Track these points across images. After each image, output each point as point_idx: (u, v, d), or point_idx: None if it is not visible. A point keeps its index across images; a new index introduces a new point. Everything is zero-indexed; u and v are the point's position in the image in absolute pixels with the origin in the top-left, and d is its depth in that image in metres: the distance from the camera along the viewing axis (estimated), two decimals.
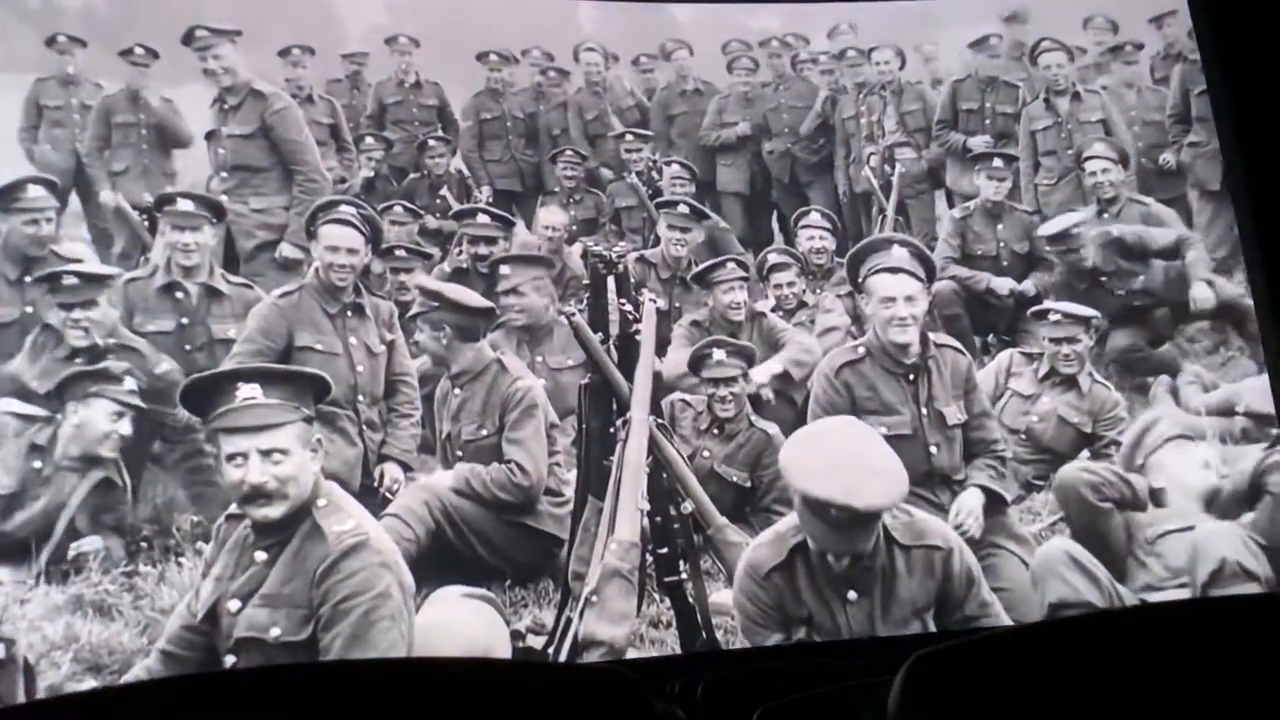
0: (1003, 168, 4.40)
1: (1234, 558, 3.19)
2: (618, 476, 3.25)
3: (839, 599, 3.02)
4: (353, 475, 3.50)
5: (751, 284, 4.09)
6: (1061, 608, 3.22)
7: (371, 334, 3.68)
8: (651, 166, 4.44)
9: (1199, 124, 4.42)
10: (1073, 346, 3.89)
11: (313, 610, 2.78)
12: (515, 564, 3.50)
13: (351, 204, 3.76)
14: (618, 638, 3.11)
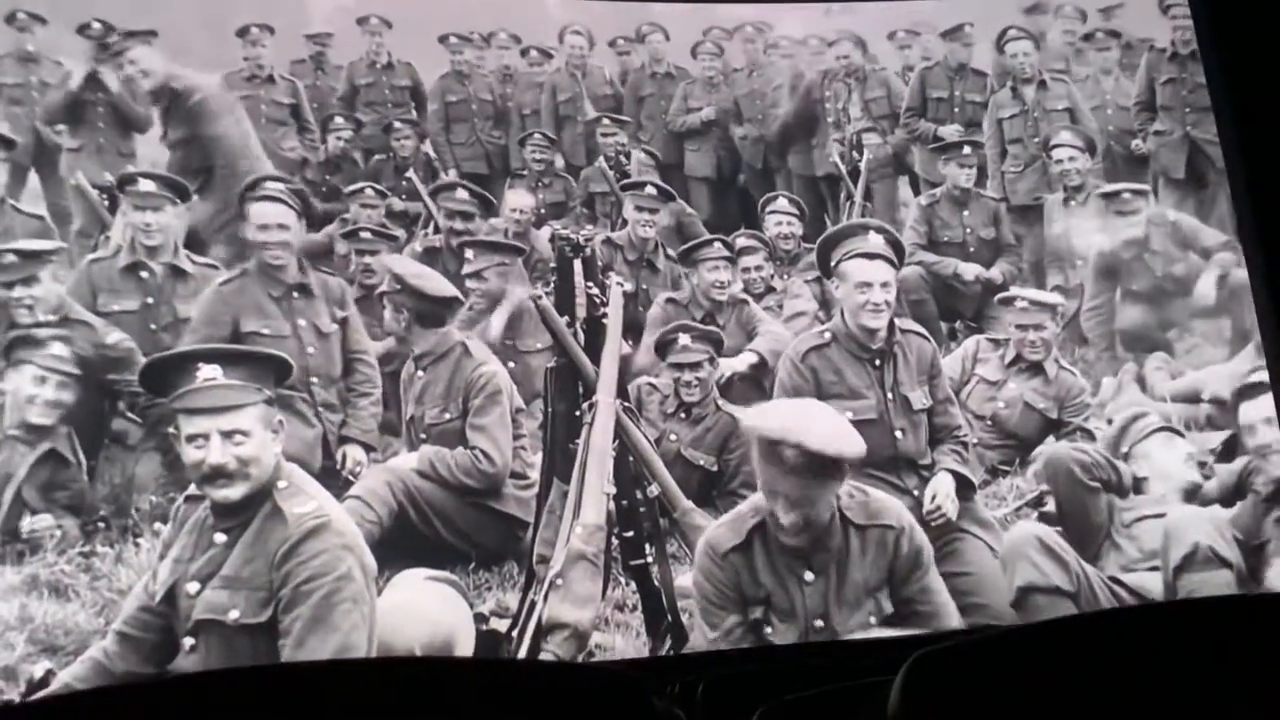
0: (970, 155, 4.40)
1: (1206, 542, 3.21)
2: (583, 460, 3.24)
3: (795, 578, 3.03)
4: (312, 457, 3.47)
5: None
6: (1030, 591, 3.23)
7: (321, 314, 3.64)
8: (620, 151, 4.42)
9: (1164, 112, 4.45)
10: (1039, 334, 3.90)
11: (273, 593, 2.76)
12: (479, 547, 3.48)
13: (278, 179, 3.72)
14: (582, 621, 3.10)
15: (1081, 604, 3.21)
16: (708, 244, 4.10)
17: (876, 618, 3.02)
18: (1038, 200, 4.41)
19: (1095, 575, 3.29)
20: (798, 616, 3.03)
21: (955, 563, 3.46)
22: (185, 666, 2.78)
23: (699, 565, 3.11)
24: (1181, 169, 4.35)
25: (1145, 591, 3.30)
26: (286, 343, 3.52)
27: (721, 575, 3.07)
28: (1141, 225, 4.22)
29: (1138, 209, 4.25)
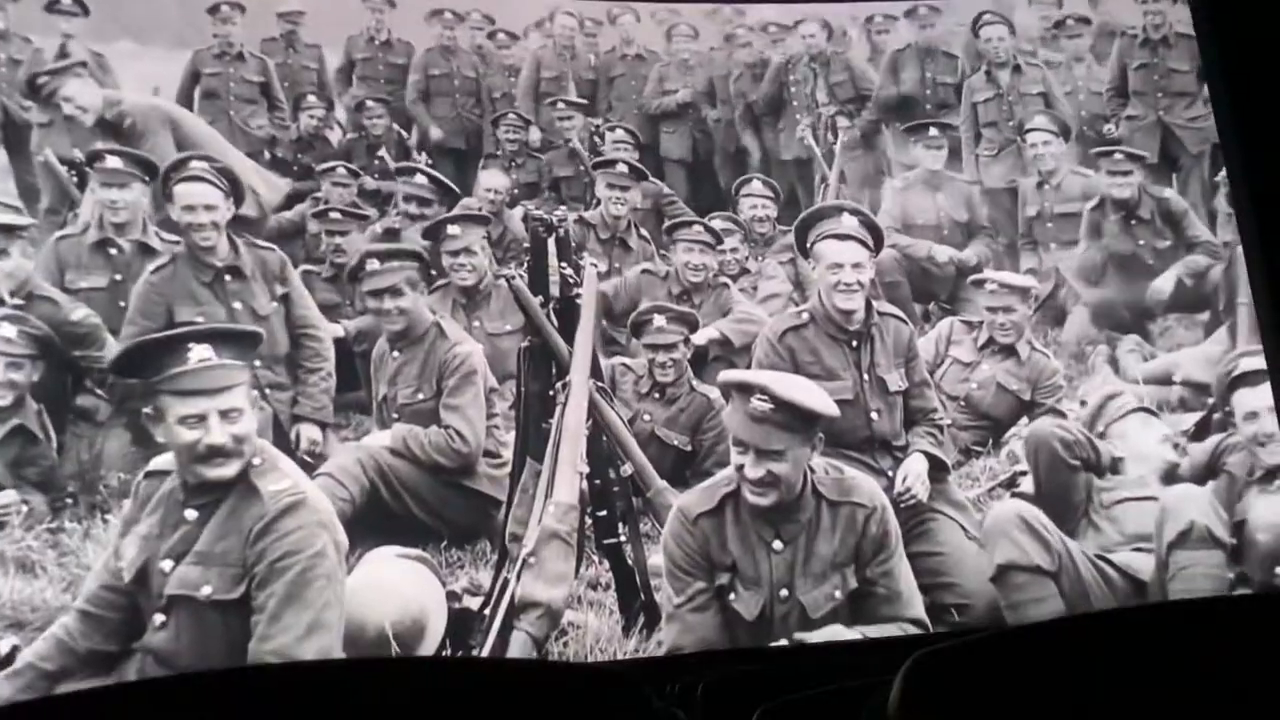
0: (939, 136, 4.41)
1: (1203, 521, 3.22)
2: (556, 439, 3.24)
3: (764, 546, 3.03)
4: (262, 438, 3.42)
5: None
6: (1009, 569, 3.23)
7: (257, 294, 3.59)
8: (594, 132, 4.40)
9: (1136, 98, 4.47)
10: (1009, 316, 3.91)
11: (246, 569, 2.75)
12: (452, 525, 3.47)
13: (203, 159, 3.64)
14: (555, 599, 3.10)
15: (1063, 583, 3.21)
16: (688, 225, 4.11)
17: (841, 592, 3.00)
18: (1011, 184, 4.41)
19: (1079, 553, 3.29)
20: (763, 585, 3.03)
21: (928, 543, 3.47)
22: (154, 643, 2.76)
23: (669, 529, 3.11)
24: (1155, 153, 4.36)
25: (1134, 570, 3.30)
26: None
27: (691, 540, 3.06)
28: (1132, 189, 4.23)
29: (1130, 170, 4.26)
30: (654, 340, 3.73)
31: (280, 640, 2.70)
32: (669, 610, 3.07)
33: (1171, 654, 1.28)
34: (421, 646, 3.13)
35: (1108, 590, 3.27)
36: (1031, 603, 3.20)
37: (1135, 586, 3.29)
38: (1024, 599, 3.21)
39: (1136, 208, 4.23)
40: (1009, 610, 3.22)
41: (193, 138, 3.93)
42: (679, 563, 3.06)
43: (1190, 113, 4.40)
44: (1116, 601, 3.26)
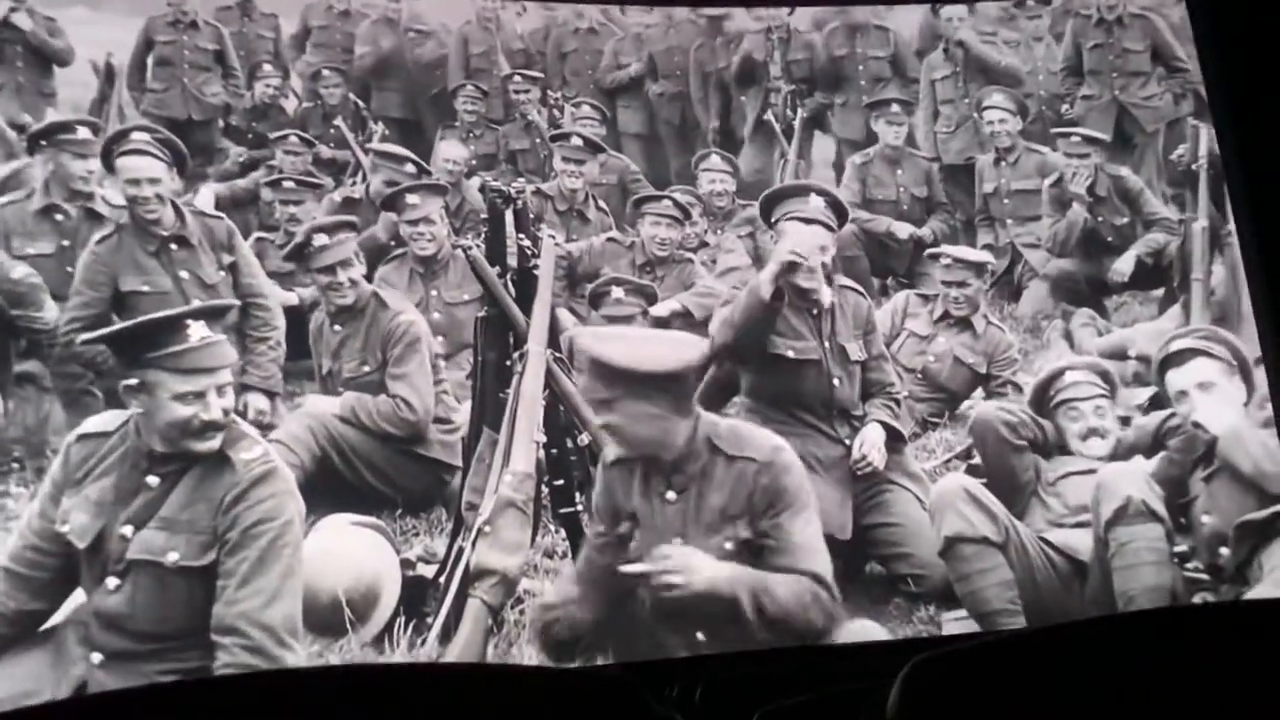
0: (900, 113, 4.43)
1: (1139, 496, 3.22)
2: (513, 408, 3.23)
3: (659, 497, 3.03)
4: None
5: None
6: (957, 541, 3.23)
7: (204, 264, 3.54)
8: (554, 104, 4.38)
9: (1091, 77, 4.49)
10: (963, 290, 3.92)
11: (216, 536, 2.75)
12: (406, 492, 3.46)
13: (145, 130, 3.59)
14: (510, 567, 3.09)
15: (1011, 555, 3.22)
16: (656, 200, 4.11)
17: (733, 544, 2.97)
18: (969, 160, 4.44)
19: (1023, 528, 3.30)
20: (660, 534, 3.01)
21: (883, 514, 3.49)
22: (105, 606, 2.74)
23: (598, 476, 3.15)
24: (1110, 131, 4.39)
25: (1072, 550, 3.31)
26: (169, 298, 3.42)
27: (603, 485, 3.08)
28: (1089, 169, 4.26)
29: (1088, 153, 4.29)
30: (612, 312, 3.74)
31: (247, 605, 2.70)
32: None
33: (1170, 659, 1.30)
34: (375, 614, 3.11)
35: (1050, 570, 3.28)
36: (979, 574, 3.21)
37: (1075, 566, 3.30)
38: (972, 570, 3.21)
39: (1094, 186, 4.26)
40: (959, 583, 3.23)
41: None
42: (598, 506, 3.09)
43: (1145, 91, 4.44)
44: (1059, 579, 3.27)
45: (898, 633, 3.31)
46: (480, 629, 3.02)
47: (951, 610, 3.32)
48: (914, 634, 3.26)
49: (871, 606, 3.38)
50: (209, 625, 2.69)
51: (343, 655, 3.02)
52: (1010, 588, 3.19)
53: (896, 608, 3.38)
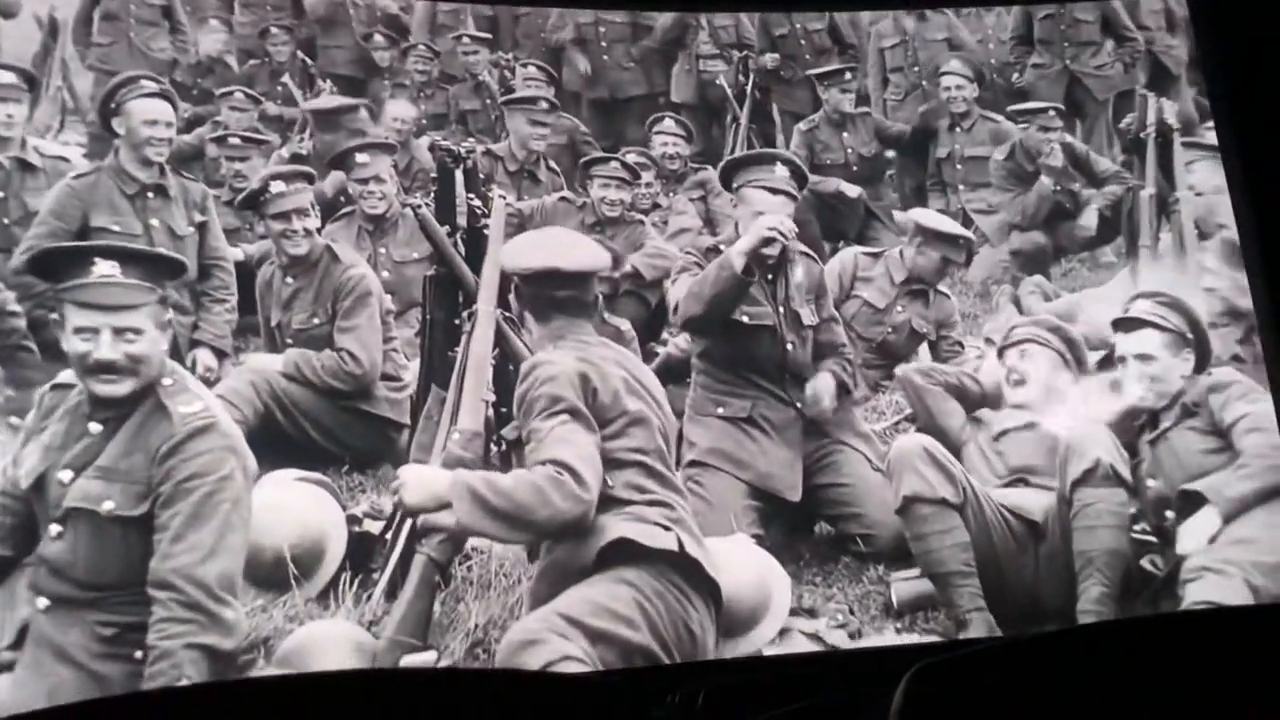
0: (852, 80, 4.44)
1: (1107, 460, 3.25)
2: (462, 367, 3.21)
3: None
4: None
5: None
6: (915, 500, 3.23)
7: (177, 217, 3.55)
8: (504, 65, 4.35)
9: (1041, 46, 4.50)
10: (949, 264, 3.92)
11: (151, 487, 2.72)
12: (352, 449, 3.43)
13: (152, 79, 3.61)
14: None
15: (968, 516, 3.23)
16: (605, 161, 4.09)
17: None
18: (915, 124, 4.45)
19: (980, 489, 3.31)
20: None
21: (833, 474, 3.50)
22: (49, 553, 2.72)
23: None
24: (1060, 100, 4.41)
25: (1025, 512, 3.33)
26: (136, 241, 3.40)
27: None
28: (1053, 148, 4.30)
29: (1058, 127, 4.32)
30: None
31: (181, 560, 2.67)
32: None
33: (1173, 665, 1.30)
34: (321, 570, 3.09)
35: (1006, 531, 3.29)
36: (936, 534, 3.22)
37: (1029, 527, 3.32)
38: (929, 530, 3.22)
39: (1051, 156, 4.29)
40: (914, 541, 3.23)
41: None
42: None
43: (1096, 61, 4.46)
44: (1015, 539, 3.29)
45: (848, 593, 3.32)
46: (427, 585, 2.99)
47: (900, 569, 3.33)
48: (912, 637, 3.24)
49: (820, 566, 3.40)
50: (146, 578, 2.66)
51: (286, 610, 3.00)
52: (965, 550, 3.20)
53: (846, 567, 3.39)
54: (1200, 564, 3.13)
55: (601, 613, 2.78)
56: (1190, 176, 4.10)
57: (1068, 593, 3.19)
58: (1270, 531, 3.17)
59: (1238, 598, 3.04)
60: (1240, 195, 3.72)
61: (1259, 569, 3.10)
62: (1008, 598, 3.23)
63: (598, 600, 2.80)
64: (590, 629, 2.76)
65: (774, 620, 3.18)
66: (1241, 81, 3.75)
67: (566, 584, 2.84)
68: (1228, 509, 3.22)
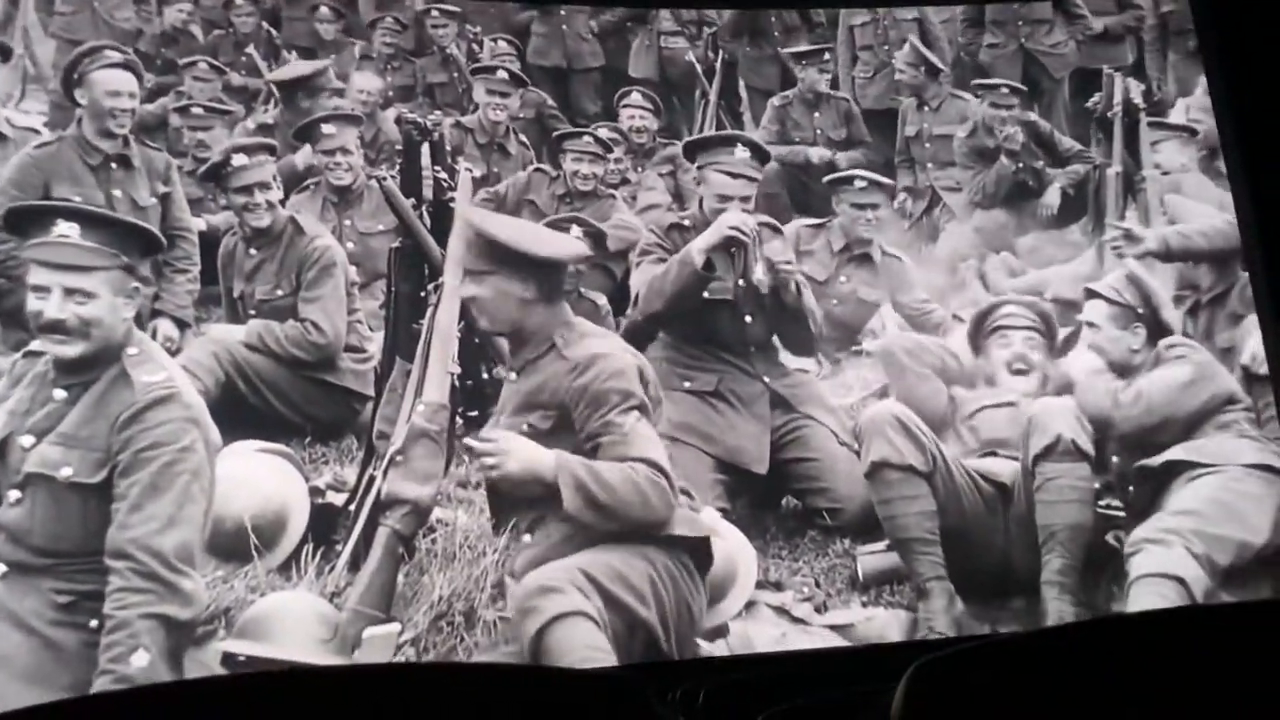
0: (829, 61, 4.44)
1: (1069, 435, 3.26)
2: (427, 339, 3.20)
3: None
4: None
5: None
6: (883, 466, 3.24)
7: (140, 187, 3.53)
8: (472, 39, 4.31)
9: (995, 27, 4.50)
10: (875, 213, 3.94)
11: (110, 455, 2.71)
12: (315, 420, 3.42)
13: (116, 49, 3.58)
14: (423, 497, 3.06)
15: (936, 484, 3.24)
16: (578, 136, 4.09)
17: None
18: (890, 103, 4.44)
19: (952, 458, 3.32)
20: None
21: (800, 448, 3.51)
22: (7, 519, 2.71)
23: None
24: (1018, 79, 4.42)
25: (994, 475, 3.34)
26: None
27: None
28: (1012, 124, 4.30)
29: (1014, 104, 4.33)
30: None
31: (139, 530, 2.65)
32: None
33: (1176, 661, 1.29)
34: (282, 541, 3.07)
35: (977, 495, 3.30)
36: (901, 500, 3.22)
37: (998, 489, 3.33)
38: (895, 496, 3.23)
39: (1013, 134, 4.29)
40: (880, 505, 3.24)
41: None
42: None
43: (1050, 39, 4.47)
44: (984, 506, 3.30)
45: (815, 566, 3.32)
46: (391, 557, 2.98)
47: (867, 543, 3.34)
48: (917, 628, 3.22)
49: (787, 539, 3.40)
50: (104, 547, 2.65)
51: (248, 581, 2.97)
52: (930, 518, 3.21)
53: (812, 540, 3.39)
54: (1142, 536, 3.15)
55: (618, 580, 2.86)
56: (1156, 155, 4.13)
57: (1035, 560, 3.20)
58: (1212, 505, 3.19)
59: (1180, 567, 3.05)
60: (1241, 191, 3.72)
61: (1200, 538, 3.11)
62: (979, 564, 3.25)
63: (617, 567, 2.88)
64: (607, 592, 2.84)
65: (740, 593, 3.18)
66: (1243, 82, 3.74)
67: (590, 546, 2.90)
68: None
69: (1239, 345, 3.65)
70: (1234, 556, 3.14)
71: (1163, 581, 3.06)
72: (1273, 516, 3.22)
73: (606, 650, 2.76)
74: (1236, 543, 3.15)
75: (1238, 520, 3.18)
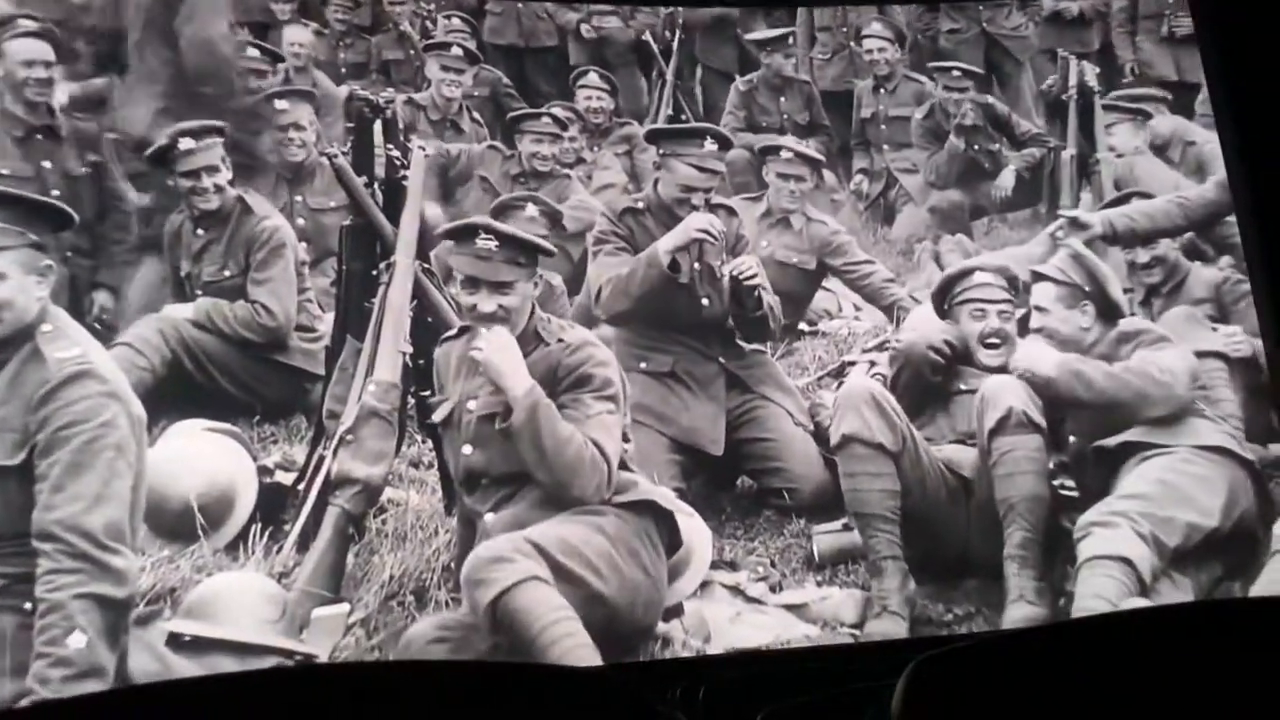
0: (792, 45, 4.43)
1: (1020, 407, 3.26)
2: (379, 318, 3.19)
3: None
4: (57, 301, 3.24)
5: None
6: (853, 440, 3.20)
7: (69, 157, 3.48)
8: (425, 16, 4.27)
9: (956, 11, 4.51)
10: (799, 185, 3.93)
11: (28, 436, 2.63)
12: (264, 400, 3.38)
13: (31, 17, 3.51)
14: (374, 476, 3.05)
15: (905, 465, 3.22)
16: (535, 117, 4.05)
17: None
18: (848, 84, 4.44)
19: (922, 443, 3.31)
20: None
21: (756, 429, 3.50)
22: None
23: None
24: (980, 63, 4.43)
25: (956, 466, 3.34)
26: (28, 184, 3.31)
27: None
28: (966, 105, 4.32)
29: (966, 87, 4.33)
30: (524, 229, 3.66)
31: (65, 510, 2.58)
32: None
33: (1175, 658, 1.30)
34: (229, 520, 3.04)
35: (942, 483, 3.30)
36: (866, 475, 3.20)
37: (961, 482, 3.33)
38: (861, 471, 3.20)
39: (967, 115, 4.30)
40: (845, 478, 3.22)
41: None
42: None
43: (1011, 22, 4.48)
44: (948, 494, 3.29)
45: (770, 546, 3.32)
46: (340, 537, 2.97)
47: (823, 523, 3.33)
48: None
49: (742, 520, 3.39)
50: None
51: (194, 561, 2.93)
52: (894, 498, 3.19)
53: (768, 520, 3.39)
54: (1088, 520, 3.15)
55: (573, 555, 2.83)
56: (1111, 138, 4.15)
57: (997, 545, 3.20)
58: (1160, 487, 3.19)
59: (1127, 548, 3.06)
60: (1240, 185, 3.72)
61: (1148, 519, 3.11)
62: (937, 547, 3.24)
63: (571, 542, 2.85)
64: (557, 564, 2.80)
65: (695, 574, 3.17)
66: (1244, 83, 3.74)
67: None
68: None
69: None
70: (1182, 538, 3.14)
71: (1110, 563, 3.06)
72: (1224, 499, 3.22)
73: (570, 611, 2.73)
74: (1185, 524, 3.15)
75: (1187, 502, 3.18)
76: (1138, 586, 3.03)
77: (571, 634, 2.71)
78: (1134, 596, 3.01)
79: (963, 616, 3.17)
